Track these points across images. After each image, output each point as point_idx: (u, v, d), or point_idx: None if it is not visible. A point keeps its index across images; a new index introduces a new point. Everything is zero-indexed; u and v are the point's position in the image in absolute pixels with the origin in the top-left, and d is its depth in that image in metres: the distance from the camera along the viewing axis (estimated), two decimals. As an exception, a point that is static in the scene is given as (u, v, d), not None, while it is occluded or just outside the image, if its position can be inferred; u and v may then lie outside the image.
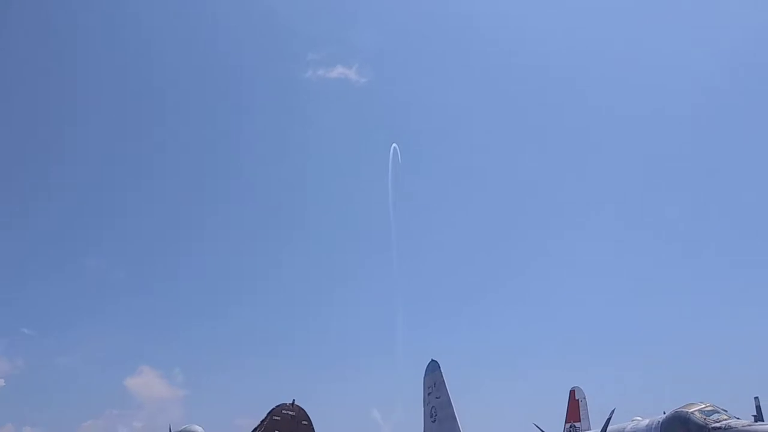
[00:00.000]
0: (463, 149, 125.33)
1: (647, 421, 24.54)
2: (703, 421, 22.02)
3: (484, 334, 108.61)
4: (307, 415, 27.52)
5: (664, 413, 24.06)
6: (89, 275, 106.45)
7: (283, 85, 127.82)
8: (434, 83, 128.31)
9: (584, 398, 36.42)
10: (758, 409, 26.49)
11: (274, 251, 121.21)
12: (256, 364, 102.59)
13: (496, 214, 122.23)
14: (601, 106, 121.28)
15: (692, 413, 22.48)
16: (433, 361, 30.84)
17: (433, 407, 29.60)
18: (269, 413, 26.88)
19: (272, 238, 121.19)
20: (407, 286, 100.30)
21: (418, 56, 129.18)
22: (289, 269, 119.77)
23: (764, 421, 25.18)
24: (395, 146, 59.80)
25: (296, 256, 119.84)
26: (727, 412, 22.57)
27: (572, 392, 36.68)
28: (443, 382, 29.60)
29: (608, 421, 25.05)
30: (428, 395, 30.24)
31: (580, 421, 36.18)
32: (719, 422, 21.93)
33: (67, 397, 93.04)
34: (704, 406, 22.70)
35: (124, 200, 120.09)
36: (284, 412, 26.94)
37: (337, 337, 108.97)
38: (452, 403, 28.84)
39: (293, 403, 27.46)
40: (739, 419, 22.29)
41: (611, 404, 27.98)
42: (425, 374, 30.84)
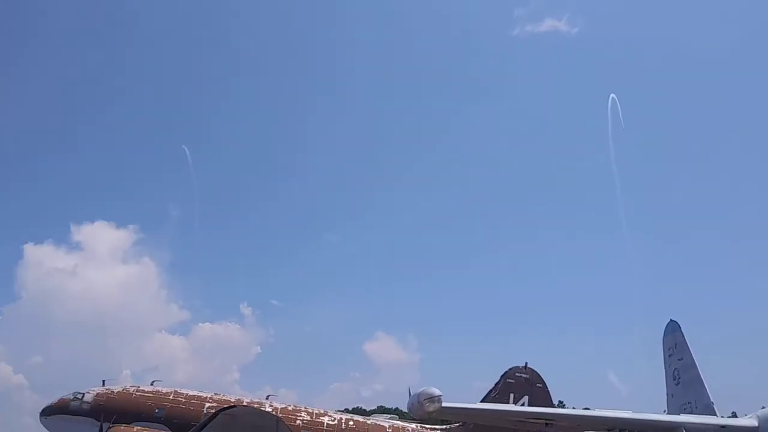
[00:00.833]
0: (689, 100, 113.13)
1: None
2: None
3: (726, 286, 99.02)
4: (541, 377, 27.91)
5: None
6: (327, 250, 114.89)
7: (490, 45, 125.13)
8: (656, 23, 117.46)
9: None
10: None
11: (530, 222, 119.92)
12: (486, 328, 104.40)
13: (726, 166, 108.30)
14: None
15: None
16: (672, 321, 29.24)
17: (675, 369, 28.16)
18: (503, 376, 27.72)
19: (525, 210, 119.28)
20: (637, 243, 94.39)
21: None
22: (527, 233, 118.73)
23: None
24: (614, 97, 56.29)
25: (535, 221, 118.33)
26: None
27: None
28: (685, 343, 27.95)
29: None
30: (669, 357, 28.80)
31: None
32: None
33: (314, 361, 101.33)
34: None
35: (355, 183, 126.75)
36: (518, 374, 27.60)
37: (569, 298, 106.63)
38: (697, 364, 27.21)
39: (526, 365, 28.01)
40: None
41: None
42: (664, 335, 29.36)
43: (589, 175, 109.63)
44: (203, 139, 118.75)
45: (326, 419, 26.11)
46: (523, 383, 27.33)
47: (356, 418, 28.24)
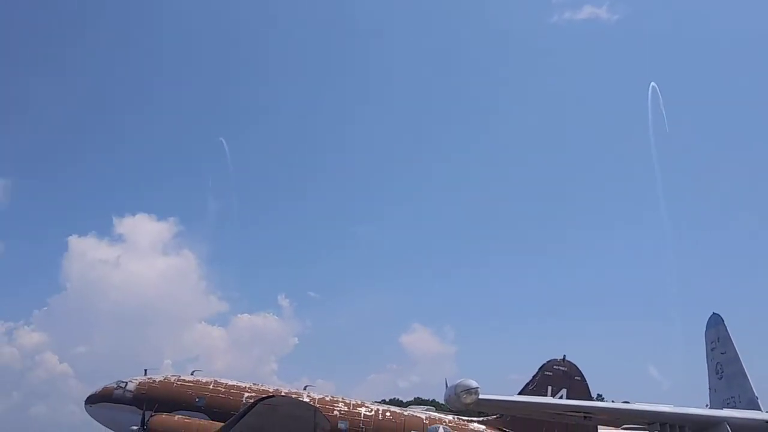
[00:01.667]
0: (733, 89, 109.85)
1: None
2: None
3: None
4: (579, 370, 27.64)
5: None
6: (364, 242, 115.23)
7: (527, 32, 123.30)
8: (699, 11, 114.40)
9: None
10: None
11: (569, 214, 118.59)
12: (524, 320, 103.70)
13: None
14: None
15: None
16: (714, 314, 28.63)
17: (718, 363, 27.61)
18: (541, 368, 27.54)
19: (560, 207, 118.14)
20: (680, 236, 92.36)
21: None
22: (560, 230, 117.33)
23: None
24: (654, 86, 55.12)
25: (575, 212, 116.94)
26: None
27: None
28: (728, 336, 27.37)
29: None
30: (711, 351, 28.23)
31: None
32: None
33: (351, 353, 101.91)
34: None
35: (391, 175, 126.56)
36: (556, 367, 27.39)
37: (608, 290, 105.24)
38: (740, 358, 26.63)
39: (564, 358, 27.77)
40: None
41: None
42: (707, 329, 28.78)
43: (628, 165, 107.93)
44: (240, 132, 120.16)
45: (363, 410, 26.29)
46: (561, 376, 27.12)
47: (393, 409, 28.36)
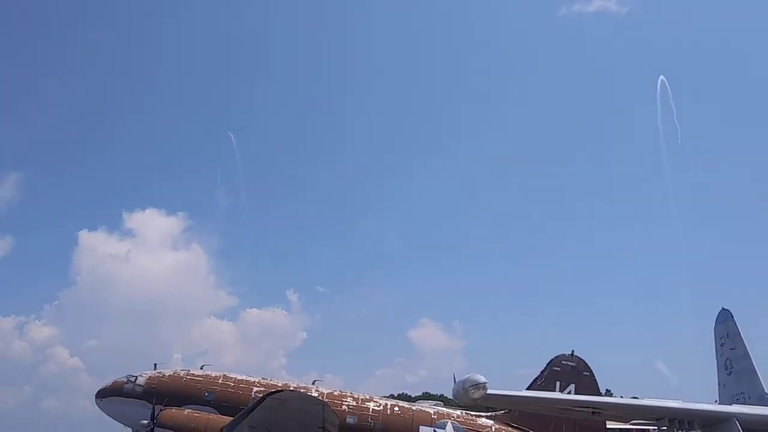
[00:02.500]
0: (743, 84, 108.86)
1: None
2: None
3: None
4: (587, 365, 27.60)
5: None
6: (373, 237, 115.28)
7: (534, 26, 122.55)
8: (710, 4, 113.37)
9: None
10: None
11: (577, 211, 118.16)
12: (532, 316, 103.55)
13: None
14: None
15: None
16: (724, 309, 28.51)
17: (727, 359, 27.53)
18: (549, 364, 27.51)
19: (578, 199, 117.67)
20: (689, 230, 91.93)
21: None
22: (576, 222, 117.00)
23: None
24: (663, 79, 54.83)
25: (583, 208, 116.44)
26: None
27: None
28: (738, 332, 27.26)
29: None
30: (721, 346, 28.14)
31: None
32: None
33: (360, 348, 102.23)
34: None
35: (398, 170, 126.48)
36: (564, 362, 27.37)
37: (617, 286, 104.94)
38: (750, 354, 26.55)
39: (572, 353, 27.73)
40: None
41: None
42: (716, 324, 28.67)
43: (637, 160, 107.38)
44: (249, 127, 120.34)
45: (371, 404, 26.36)
46: (569, 371, 27.09)
47: (401, 403, 28.41)
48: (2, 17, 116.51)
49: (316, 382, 27.75)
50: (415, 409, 27.16)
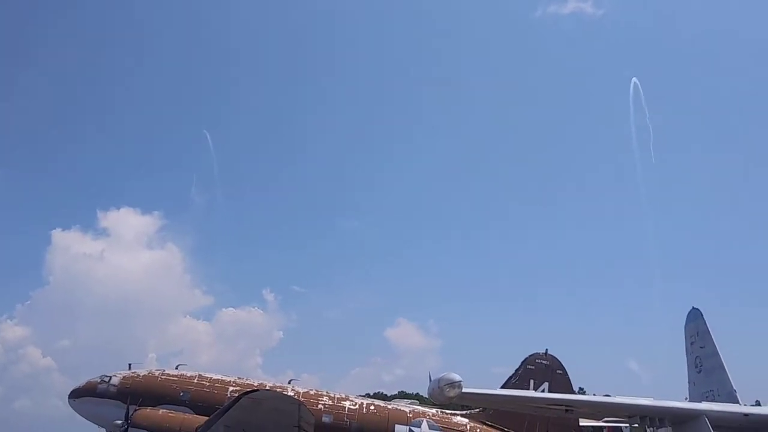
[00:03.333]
0: (714, 85, 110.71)
1: None
2: None
3: (748, 274, 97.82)
4: (561, 364, 27.91)
5: None
6: (350, 236, 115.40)
7: (509, 27, 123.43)
8: (685, 6, 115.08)
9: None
10: None
11: (550, 211, 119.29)
12: (507, 314, 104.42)
13: (753, 151, 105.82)
14: None
15: None
16: (694, 309, 29.01)
17: (697, 357, 28.03)
18: (523, 362, 27.78)
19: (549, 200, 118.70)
20: (660, 232, 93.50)
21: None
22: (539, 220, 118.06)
23: None
24: (636, 82, 55.57)
25: (555, 210, 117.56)
26: None
27: None
28: (707, 330, 27.78)
29: None
30: (691, 345, 28.64)
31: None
32: None
33: (336, 347, 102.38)
34: None
35: (373, 170, 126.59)
36: (538, 361, 27.64)
37: (590, 286, 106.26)
38: (719, 352, 27.05)
39: (546, 352, 28.02)
40: None
41: None
42: (686, 323, 29.17)
43: (611, 161, 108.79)
44: (225, 125, 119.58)
45: (347, 403, 26.38)
46: (543, 369, 27.37)
47: (377, 402, 28.46)
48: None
49: (292, 381, 27.72)
50: (390, 407, 27.23)
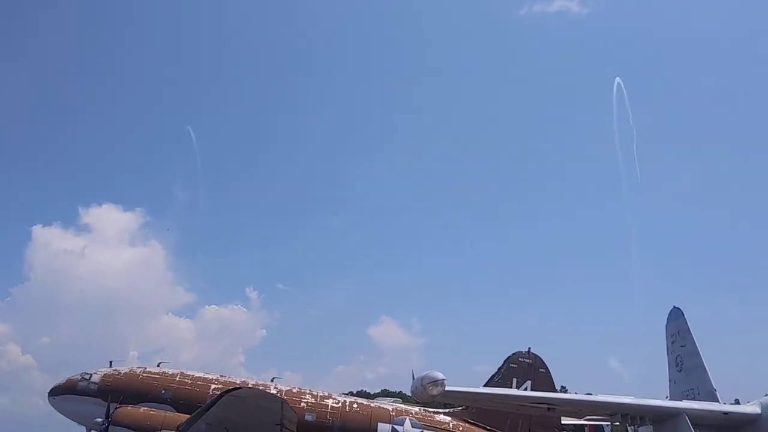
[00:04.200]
0: (699, 83, 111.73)
1: None
2: None
3: (729, 274, 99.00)
4: (543, 362, 28.06)
5: None
6: (334, 235, 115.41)
7: (495, 25, 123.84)
8: (671, 6, 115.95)
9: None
10: None
11: (532, 210, 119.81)
12: (490, 313, 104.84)
13: (735, 152, 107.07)
14: None
15: None
16: (675, 308, 29.14)
17: (678, 356, 28.18)
18: (506, 361, 27.89)
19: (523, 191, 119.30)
20: (642, 231, 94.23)
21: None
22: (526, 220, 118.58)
23: None
24: (619, 82, 55.86)
25: (537, 209, 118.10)
26: None
27: None
28: (688, 329, 27.94)
29: None
30: (672, 344, 28.78)
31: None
32: None
33: (319, 345, 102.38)
34: None
35: (358, 169, 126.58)
36: (521, 359, 27.77)
37: (572, 285, 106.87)
38: (700, 351, 27.24)
39: (529, 351, 28.15)
40: None
41: None
42: (667, 322, 29.31)
43: (594, 159, 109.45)
44: (209, 122, 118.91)
45: (330, 401, 26.35)
46: (525, 368, 27.49)
47: (360, 400, 28.47)
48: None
49: (274, 379, 27.64)
50: (373, 406, 27.24)
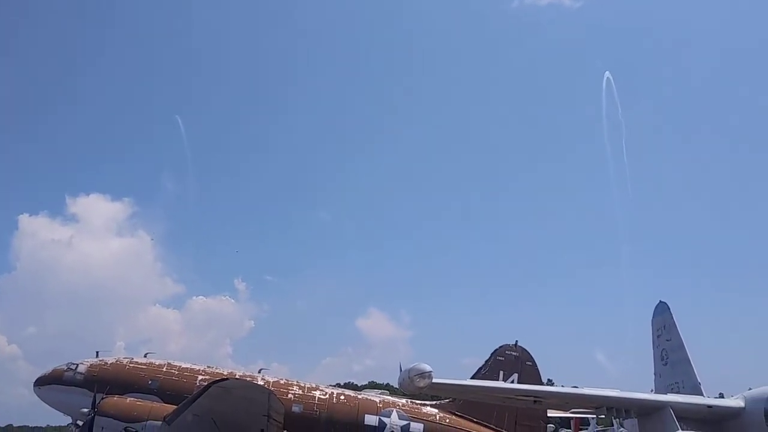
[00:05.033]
0: (688, 79, 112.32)
1: None
2: None
3: (715, 269, 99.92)
4: (530, 356, 28.15)
5: None
6: (322, 227, 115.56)
7: (486, 17, 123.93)
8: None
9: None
10: None
11: (522, 204, 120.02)
12: (478, 306, 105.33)
13: (724, 149, 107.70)
14: None
15: None
16: (661, 302, 29.30)
17: (663, 350, 28.38)
18: (493, 354, 27.95)
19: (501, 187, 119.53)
20: (629, 226, 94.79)
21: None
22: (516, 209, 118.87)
23: None
24: (608, 76, 56.11)
25: (526, 203, 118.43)
26: None
27: None
28: (674, 324, 28.12)
29: None
30: (657, 338, 28.97)
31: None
32: None
33: (307, 337, 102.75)
34: None
35: (346, 161, 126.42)
36: (508, 352, 27.84)
37: (559, 280, 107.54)
38: (685, 345, 27.46)
39: (516, 344, 28.23)
40: None
41: None
42: (653, 316, 29.49)
43: (582, 153, 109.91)
44: (197, 112, 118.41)
45: (317, 393, 26.35)
46: (512, 361, 27.57)
47: (347, 392, 28.46)
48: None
49: (262, 370, 27.58)
50: (360, 397, 27.26)
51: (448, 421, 26.83)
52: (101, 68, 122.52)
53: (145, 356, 27.09)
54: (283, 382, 26.56)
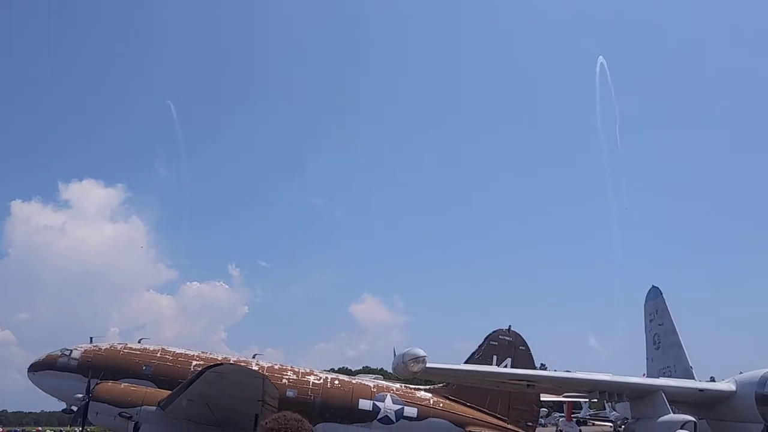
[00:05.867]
0: (683, 66, 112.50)
1: None
2: None
3: (707, 254, 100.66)
4: (524, 340, 28.31)
5: None
6: (316, 213, 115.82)
7: (478, 2, 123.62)
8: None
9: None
10: None
11: (517, 193, 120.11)
12: (471, 291, 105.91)
13: (714, 137, 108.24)
14: None
15: None
16: (654, 287, 29.51)
17: (656, 334, 28.60)
18: (486, 338, 28.11)
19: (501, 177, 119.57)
20: (622, 212, 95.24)
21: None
22: (511, 201, 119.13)
23: None
24: (602, 61, 56.06)
25: (516, 194, 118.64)
26: None
27: None
28: (666, 308, 28.33)
29: None
30: (650, 322, 29.19)
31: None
32: None
33: (301, 322, 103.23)
34: None
35: (341, 148, 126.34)
36: (501, 337, 27.99)
37: (552, 265, 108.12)
38: (677, 329, 27.65)
39: (509, 328, 28.38)
40: None
41: None
42: (646, 301, 29.69)
43: (575, 140, 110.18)
44: (190, 97, 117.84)
45: (312, 378, 26.45)
46: (506, 346, 27.72)
47: (341, 377, 28.61)
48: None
49: (256, 356, 27.66)
50: (354, 382, 27.39)
51: (441, 405, 26.99)
52: (94, 54, 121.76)
53: (139, 342, 27.09)
54: (277, 367, 26.64)
